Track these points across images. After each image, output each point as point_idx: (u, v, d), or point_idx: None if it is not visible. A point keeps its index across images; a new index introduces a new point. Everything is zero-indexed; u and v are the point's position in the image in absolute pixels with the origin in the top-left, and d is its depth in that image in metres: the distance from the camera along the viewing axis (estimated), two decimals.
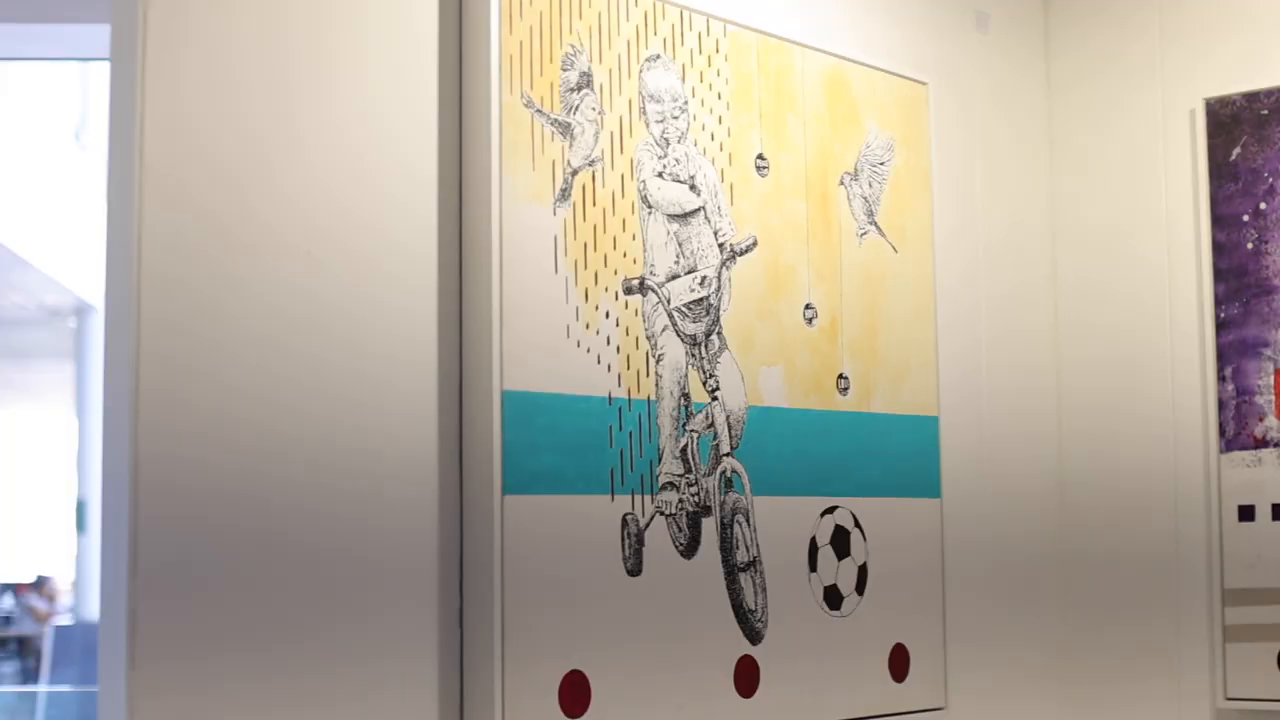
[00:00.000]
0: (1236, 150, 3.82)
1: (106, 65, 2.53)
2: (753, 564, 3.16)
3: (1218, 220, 3.83)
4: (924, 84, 3.65)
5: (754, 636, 3.15)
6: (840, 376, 3.38)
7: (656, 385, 3.00)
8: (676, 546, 3.01)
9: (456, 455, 2.75)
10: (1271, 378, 3.75)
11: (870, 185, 3.49)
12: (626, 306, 2.95)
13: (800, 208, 3.32)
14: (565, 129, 2.89)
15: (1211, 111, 3.85)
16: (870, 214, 3.48)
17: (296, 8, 2.64)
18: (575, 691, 2.82)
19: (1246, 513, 3.77)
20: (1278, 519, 3.73)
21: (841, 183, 3.43)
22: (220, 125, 2.53)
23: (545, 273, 2.82)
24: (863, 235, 3.46)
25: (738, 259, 3.18)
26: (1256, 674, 3.73)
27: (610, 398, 2.91)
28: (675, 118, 3.09)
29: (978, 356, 3.82)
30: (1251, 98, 3.80)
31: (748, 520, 3.15)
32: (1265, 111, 3.78)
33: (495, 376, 2.73)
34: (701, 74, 3.15)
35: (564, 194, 2.87)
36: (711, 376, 3.11)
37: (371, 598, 2.64)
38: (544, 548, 2.78)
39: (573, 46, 2.92)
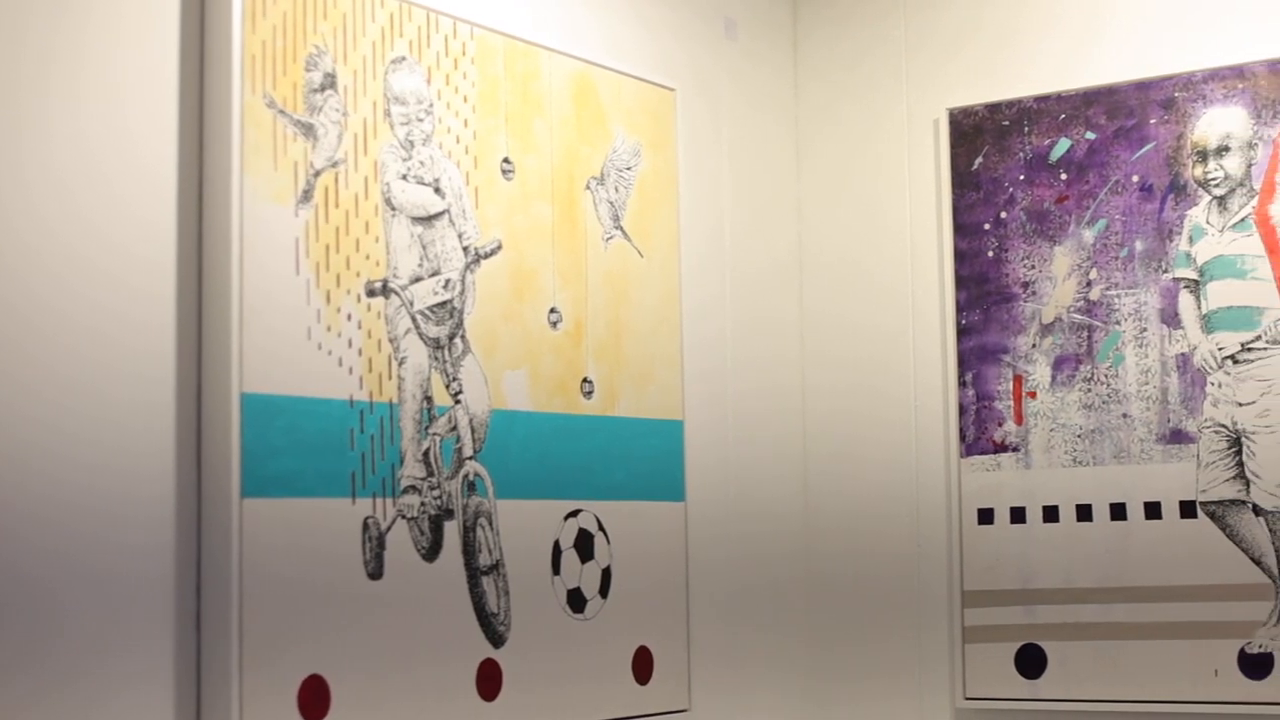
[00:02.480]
0: (978, 160, 3.99)
1: None
2: (495, 567, 3.24)
3: (960, 228, 4.00)
4: (672, 90, 3.76)
5: (496, 640, 3.23)
6: (585, 380, 3.47)
7: (399, 388, 3.07)
8: (418, 550, 3.08)
9: (195, 458, 2.78)
10: (1011, 384, 3.92)
11: (616, 190, 3.59)
12: (369, 309, 3.02)
13: (546, 211, 3.42)
14: (308, 130, 2.94)
15: (954, 121, 4.02)
16: (616, 219, 3.58)
17: (34, 2, 2.64)
18: (315, 696, 2.87)
19: (985, 516, 3.94)
20: (1016, 522, 3.90)
21: (588, 187, 3.52)
22: None
23: (286, 274, 2.87)
24: (608, 240, 3.56)
25: (482, 262, 3.26)
26: (994, 674, 3.90)
27: (351, 400, 2.97)
28: (420, 120, 3.16)
29: (723, 361, 3.93)
30: (993, 108, 3.98)
31: (490, 524, 3.23)
32: (1006, 122, 3.95)
33: (234, 378, 2.77)
34: (447, 76, 3.23)
35: (306, 195, 2.92)
36: (455, 380, 3.18)
37: (107, 601, 2.65)
38: (283, 551, 2.83)
39: (317, 47, 2.97)
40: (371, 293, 3.03)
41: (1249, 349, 3.67)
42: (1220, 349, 3.70)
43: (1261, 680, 3.62)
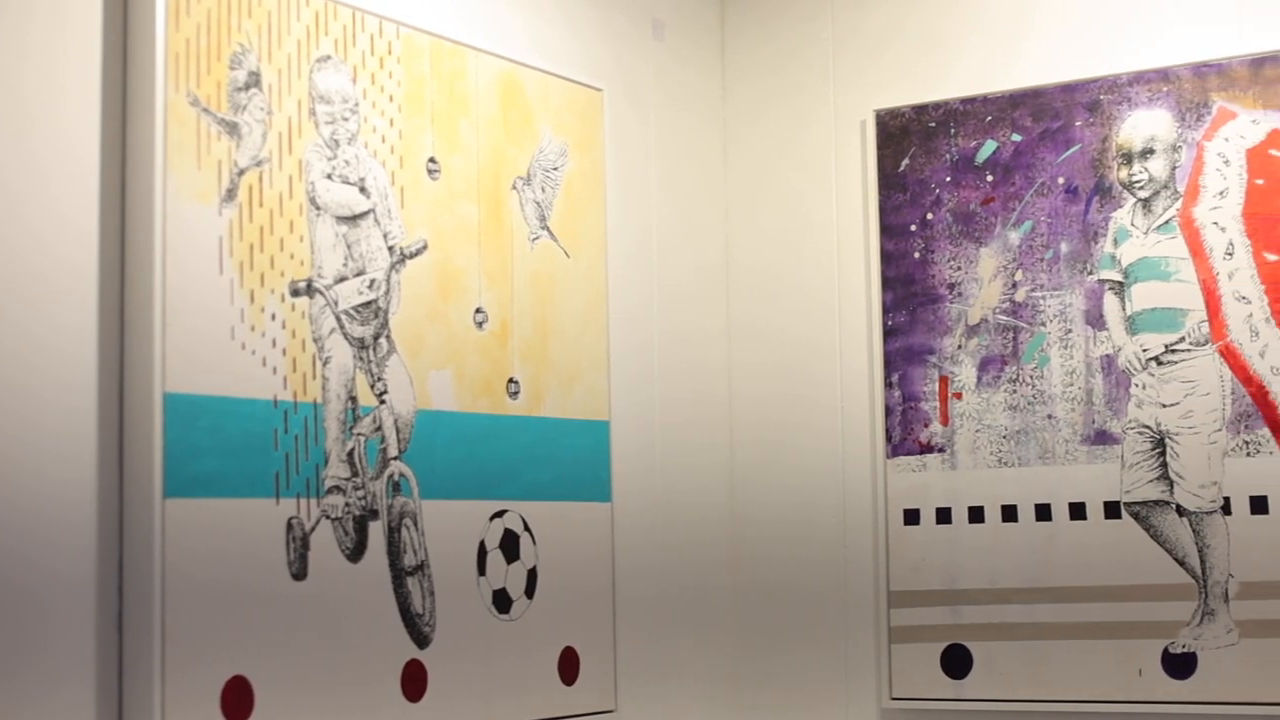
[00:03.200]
0: (905, 161, 4.03)
1: None
2: (420, 568, 3.25)
3: (886, 229, 4.04)
4: (599, 90, 3.78)
5: (422, 640, 3.24)
6: (511, 380, 3.49)
7: (323, 388, 3.08)
8: (343, 550, 3.09)
9: (117, 458, 2.78)
10: (937, 384, 3.96)
11: (543, 190, 3.61)
12: (293, 309, 3.03)
13: (472, 211, 3.43)
14: (232, 128, 2.94)
15: (881, 123, 4.06)
16: (543, 219, 3.60)
17: None
18: (238, 697, 2.87)
19: (911, 516, 3.97)
20: (941, 523, 3.94)
21: (514, 187, 3.54)
22: None
23: (209, 274, 2.88)
24: (535, 240, 3.58)
25: (407, 262, 3.27)
26: (920, 674, 3.94)
27: (275, 400, 2.98)
28: (346, 119, 3.17)
29: (649, 362, 3.96)
30: (920, 110, 4.01)
31: (415, 524, 3.25)
32: (933, 124, 3.99)
33: (157, 378, 2.77)
34: (373, 76, 3.24)
35: (230, 194, 2.93)
36: (379, 380, 3.19)
37: (27, 603, 2.64)
38: (206, 551, 2.83)
39: (241, 45, 2.98)
40: (296, 292, 3.03)
41: (1173, 351, 3.72)
42: (1144, 350, 3.75)
43: (1185, 680, 3.67)
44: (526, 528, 3.50)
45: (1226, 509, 3.66)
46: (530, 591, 3.50)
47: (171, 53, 2.85)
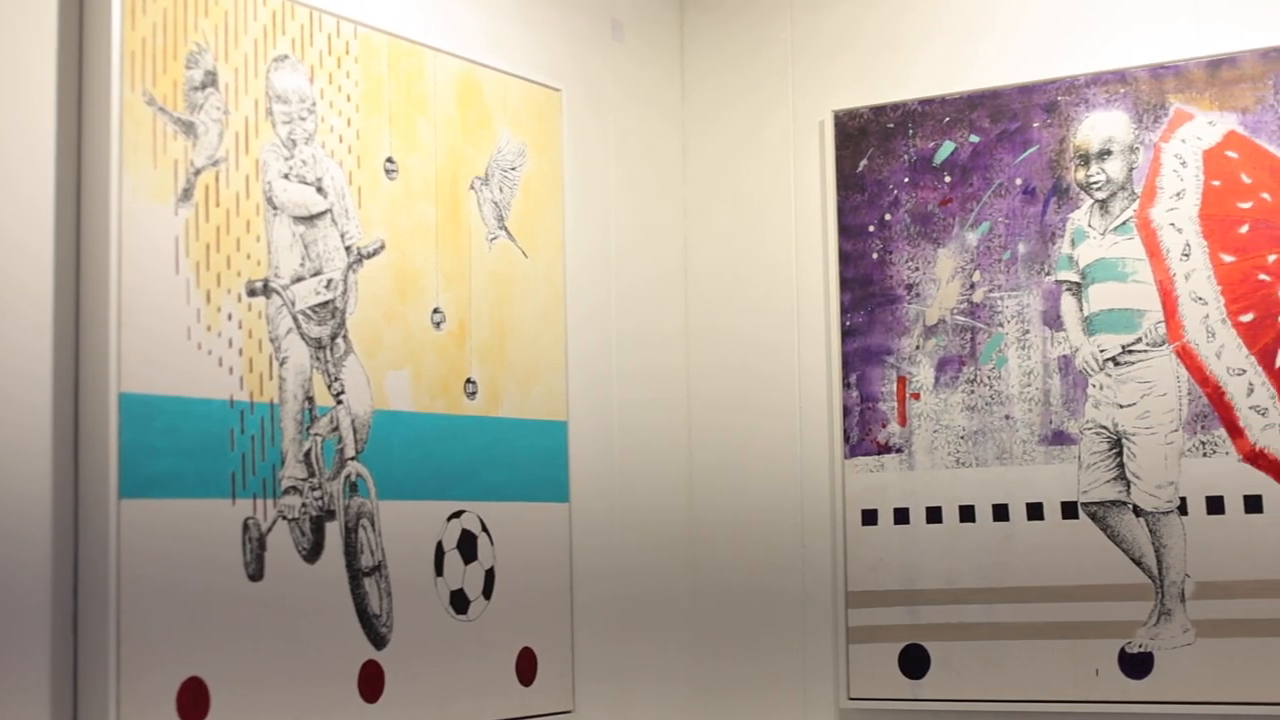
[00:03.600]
0: (863, 162, 4.04)
1: None
2: (378, 568, 3.25)
3: (844, 230, 4.05)
4: (558, 90, 3.79)
5: (379, 641, 3.25)
6: (468, 381, 3.50)
7: (280, 388, 3.08)
8: (299, 551, 3.10)
9: (72, 458, 2.78)
10: (895, 385, 3.98)
11: (501, 190, 3.61)
12: (250, 309, 3.03)
13: (430, 211, 3.44)
14: (189, 128, 2.95)
15: (840, 123, 4.07)
16: (501, 219, 3.61)
17: None
18: (194, 698, 2.87)
19: (869, 517, 3.99)
20: (899, 523, 3.95)
21: (472, 187, 3.55)
22: None
23: (166, 273, 2.88)
24: (493, 240, 3.59)
25: (365, 262, 3.28)
26: (878, 675, 3.95)
27: (232, 401, 2.98)
28: (303, 119, 3.17)
29: (608, 362, 3.97)
30: (878, 111, 4.03)
31: (373, 524, 3.25)
32: (891, 125, 4.01)
33: (112, 378, 2.77)
34: (331, 75, 3.24)
35: (186, 194, 2.93)
36: (336, 380, 3.20)
37: None
38: (162, 552, 2.83)
39: (198, 45, 2.98)
40: (252, 292, 3.04)
41: (1130, 351, 3.74)
42: (1102, 351, 3.77)
43: (1142, 680, 3.69)
44: (484, 528, 3.51)
45: (1183, 509, 3.68)
46: (488, 592, 3.51)
47: (127, 51, 2.85)
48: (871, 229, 4.03)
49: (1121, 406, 3.75)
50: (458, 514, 3.45)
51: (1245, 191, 3.65)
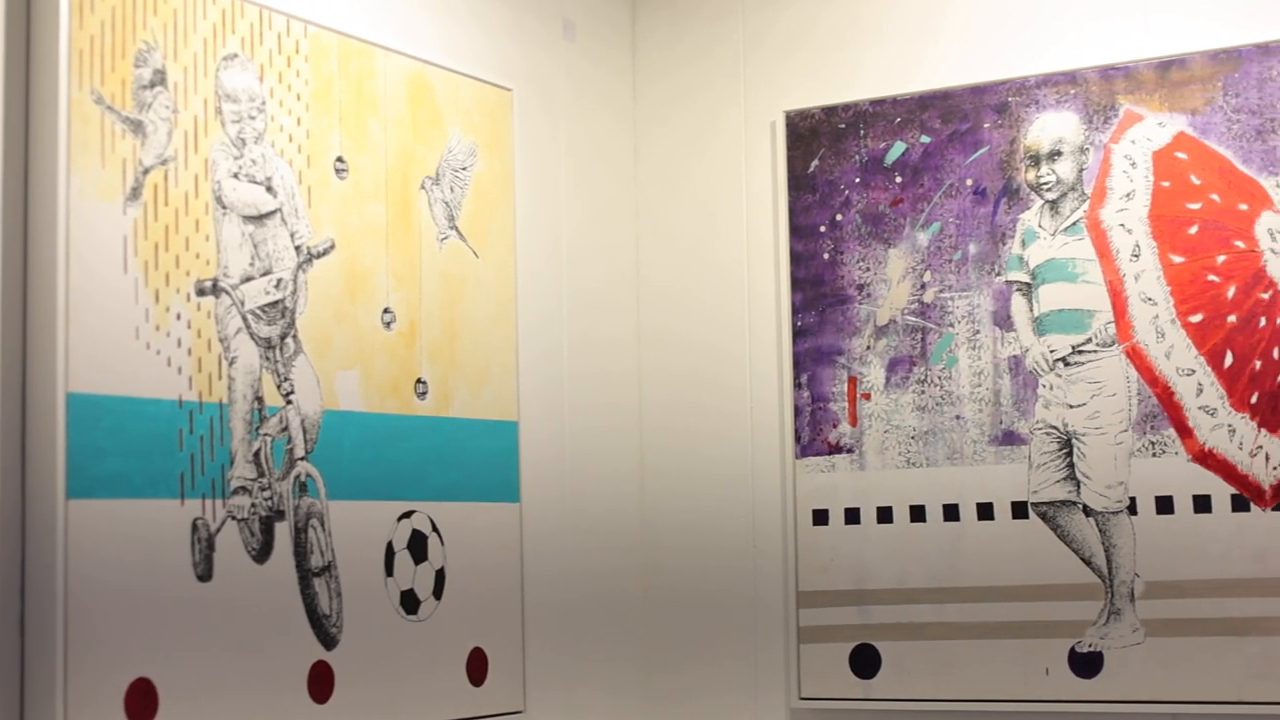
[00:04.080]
0: (815, 162, 4.06)
1: None
2: (327, 569, 3.25)
3: (796, 230, 4.06)
4: (509, 90, 3.80)
5: (328, 642, 3.25)
6: (419, 381, 3.50)
7: (229, 388, 3.08)
8: (249, 551, 3.09)
9: (19, 458, 2.77)
10: (845, 385, 3.99)
11: (452, 190, 3.62)
12: (199, 308, 3.02)
13: (380, 211, 3.44)
14: (137, 127, 2.94)
15: (791, 124, 4.08)
16: (451, 219, 3.61)
17: None
18: (142, 699, 2.87)
19: (820, 517, 4.00)
20: (850, 523, 3.97)
21: (423, 187, 3.55)
22: None
23: (114, 273, 2.87)
24: (444, 240, 3.59)
25: (314, 261, 3.28)
26: (829, 674, 3.97)
27: (180, 401, 2.98)
28: (252, 118, 3.17)
29: (559, 363, 3.97)
30: (829, 111, 4.05)
31: (322, 525, 3.25)
32: (842, 125, 4.02)
33: (60, 378, 2.77)
34: (280, 74, 3.24)
35: (135, 193, 2.92)
36: (286, 380, 3.19)
37: None
38: (110, 553, 2.82)
39: (146, 43, 2.98)
40: (201, 292, 3.03)
41: (1080, 351, 3.77)
42: (1052, 351, 3.79)
43: (1091, 679, 3.71)
44: (434, 528, 3.51)
45: (1132, 509, 3.70)
46: (438, 592, 3.51)
47: (75, 49, 2.84)
48: (823, 229, 4.04)
49: (1071, 407, 3.77)
50: (408, 514, 3.46)
51: (1194, 192, 3.68)
